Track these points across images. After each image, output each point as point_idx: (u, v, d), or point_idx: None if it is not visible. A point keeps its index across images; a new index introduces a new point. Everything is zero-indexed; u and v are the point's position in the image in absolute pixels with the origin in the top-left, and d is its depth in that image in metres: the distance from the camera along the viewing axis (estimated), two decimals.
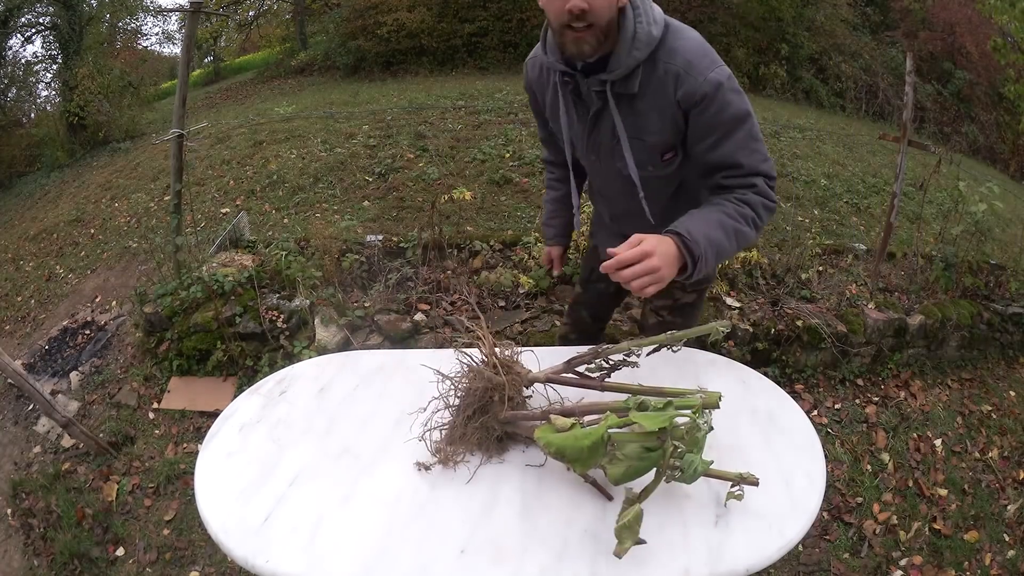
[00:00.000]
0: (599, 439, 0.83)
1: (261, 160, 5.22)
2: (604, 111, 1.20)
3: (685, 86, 1.10)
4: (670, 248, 1.03)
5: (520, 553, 0.82)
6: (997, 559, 2.03)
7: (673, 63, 1.11)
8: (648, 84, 1.14)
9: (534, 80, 1.35)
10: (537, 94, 1.37)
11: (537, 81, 1.34)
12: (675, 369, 1.17)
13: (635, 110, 1.17)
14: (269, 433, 1.06)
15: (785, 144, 6.04)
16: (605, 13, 1.06)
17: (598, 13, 1.04)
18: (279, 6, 14.90)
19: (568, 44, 1.09)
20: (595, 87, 1.16)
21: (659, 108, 1.15)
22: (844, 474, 2.30)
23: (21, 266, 4.80)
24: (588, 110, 1.22)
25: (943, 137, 9.25)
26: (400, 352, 1.36)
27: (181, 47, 2.87)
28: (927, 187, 3.36)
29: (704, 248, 1.05)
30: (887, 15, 11.30)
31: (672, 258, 1.03)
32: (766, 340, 2.61)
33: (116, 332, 3.14)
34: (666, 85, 1.12)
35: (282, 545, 0.85)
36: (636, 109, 1.17)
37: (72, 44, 9.29)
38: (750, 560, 0.81)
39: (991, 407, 2.66)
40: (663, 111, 1.15)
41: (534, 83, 1.35)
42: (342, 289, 2.81)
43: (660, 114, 1.16)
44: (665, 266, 1.00)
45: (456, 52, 10.23)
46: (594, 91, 1.17)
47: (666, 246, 1.02)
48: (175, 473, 2.34)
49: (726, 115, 1.12)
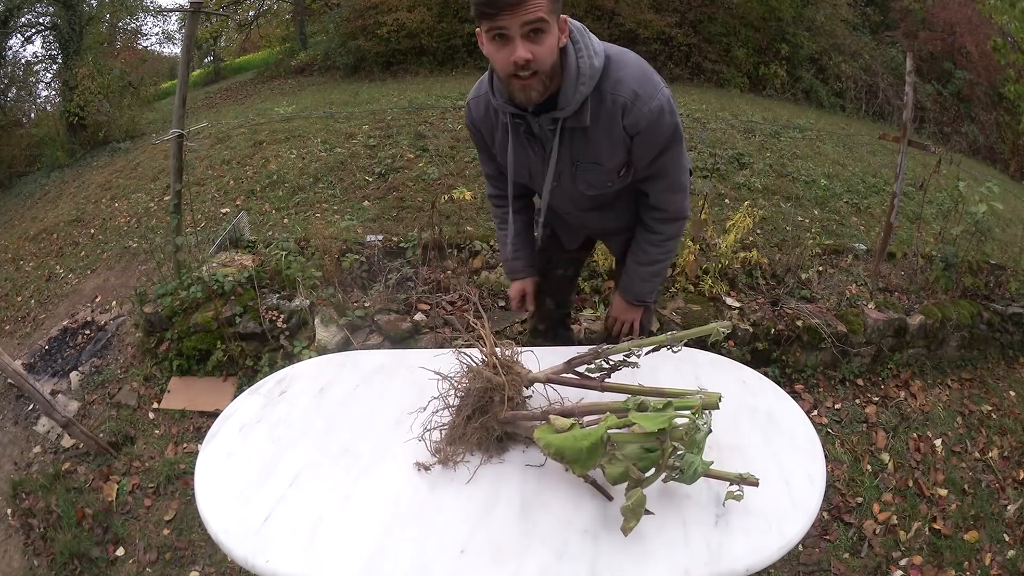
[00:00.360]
0: (598, 440, 0.83)
1: (261, 160, 5.22)
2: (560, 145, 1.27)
3: (631, 115, 1.20)
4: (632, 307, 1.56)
5: (520, 553, 0.82)
6: (997, 559, 2.03)
7: (620, 94, 1.19)
8: (598, 116, 1.21)
9: (479, 119, 1.37)
10: (483, 132, 1.39)
11: (483, 120, 1.36)
12: (675, 369, 1.17)
13: (588, 140, 1.25)
14: (269, 433, 1.06)
15: (785, 144, 6.04)
16: (548, 59, 1.11)
17: (541, 61, 1.09)
18: (279, 6, 14.90)
19: (516, 92, 1.14)
20: (548, 125, 1.22)
21: (610, 136, 1.24)
22: (844, 474, 2.30)
23: (21, 266, 4.80)
24: (543, 145, 1.28)
25: (943, 137, 9.25)
26: (400, 352, 1.36)
27: (181, 47, 2.87)
28: (927, 187, 3.36)
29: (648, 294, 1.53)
30: (887, 15, 11.30)
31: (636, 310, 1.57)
32: (766, 340, 2.61)
33: (116, 332, 3.14)
34: (614, 115, 1.21)
35: (282, 545, 0.85)
36: (589, 139, 1.25)
37: (72, 44, 9.29)
38: (750, 560, 0.81)
39: (991, 407, 2.66)
40: (613, 139, 1.24)
41: (479, 122, 1.37)
42: (342, 289, 2.81)
43: (611, 141, 1.25)
44: (635, 317, 1.59)
45: (456, 52, 10.23)
46: (547, 128, 1.23)
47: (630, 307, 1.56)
48: (175, 473, 2.34)
49: (662, 137, 1.25)
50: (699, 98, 8.46)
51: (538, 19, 1.05)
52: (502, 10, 1.03)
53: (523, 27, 1.05)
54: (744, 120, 6.84)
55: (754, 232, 3.38)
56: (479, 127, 1.38)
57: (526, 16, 1.04)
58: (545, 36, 1.08)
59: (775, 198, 4.65)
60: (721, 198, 4.49)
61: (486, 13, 1.05)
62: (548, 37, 1.09)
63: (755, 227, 3.08)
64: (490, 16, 1.05)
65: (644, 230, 1.44)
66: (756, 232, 3.57)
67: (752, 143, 5.88)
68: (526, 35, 1.06)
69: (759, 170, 5.10)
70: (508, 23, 1.05)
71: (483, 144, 1.44)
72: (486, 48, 1.13)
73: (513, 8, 1.03)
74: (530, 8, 1.03)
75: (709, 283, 2.80)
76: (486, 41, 1.11)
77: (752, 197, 4.46)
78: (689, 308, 2.68)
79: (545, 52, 1.09)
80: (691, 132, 5.90)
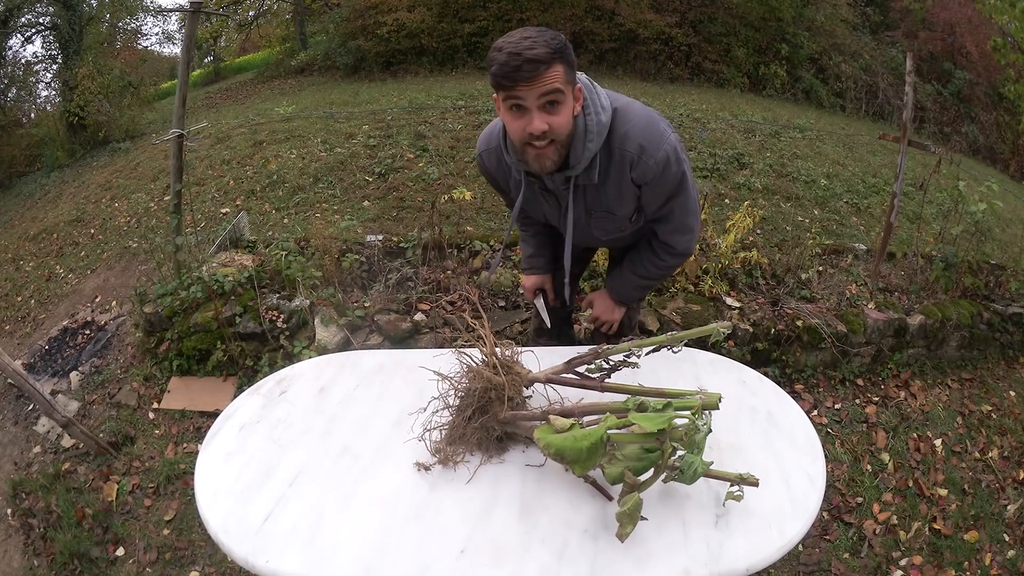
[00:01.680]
0: (598, 440, 0.83)
1: (261, 160, 5.22)
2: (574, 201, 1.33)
3: (639, 168, 1.24)
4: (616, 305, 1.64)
5: (520, 553, 0.82)
6: (997, 559, 2.03)
7: (628, 149, 1.23)
8: (607, 171, 1.26)
9: (493, 169, 1.42)
10: (499, 180, 1.44)
11: (497, 170, 1.41)
12: (675, 369, 1.17)
13: (599, 193, 1.31)
14: (269, 433, 1.06)
15: (785, 144, 6.04)
16: (564, 129, 1.14)
17: (558, 130, 1.13)
18: (279, 6, 14.90)
19: (531, 161, 1.17)
20: (560, 184, 1.28)
21: (619, 188, 1.30)
22: (844, 474, 2.30)
23: (21, 266, 4.80)
24: (558, 198, 1.34)
25: (943, 137, 9.25)
26: (400, 352, 1.36)
27: (181, 47, 2.87)
28: (927, 187, 3.36)
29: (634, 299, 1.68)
30: (887, 15, 11.30)
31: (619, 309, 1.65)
32: (766, 340, 2.61)
33: (116, 332, 3.14)
34: (623, 169, 1.26)
35: (282, 545, 0.85)
36: (600, 193, 1.31)
37: (72, 44, 9.29)
38: (750, 560, 0.81)
39: (991, 407, 2.66)
40: (623, 191, 1.30)
41: (494, 171, 1.42)
42: (342, 289, 2.81)
43: (620, 193, 1.31)
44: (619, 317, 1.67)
45: (456, 52, 10.23)
46: (560, 187, 1.29)
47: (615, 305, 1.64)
48: (175, 473, 2.34)
49: (668, 186, 1.30)
50: (699, 98, 8.46)
51: (554, 90, 1.08)
52: (519, 83, 1.06)
53: (540, 99, 1.08)
54: (744, 120, 6.84)
55: (754, 232, 3.38)
56: (494, 175, 1.44)
57: (543, 88, 1.06)
58: (561, 107, 1.11)
59: (775, 198, 4.65)
60: (721, 198, 4.49)
61: (503, 84, 1.07)
62: (564, 108, 1.12)
63: (755, 227, 3.08)
64: (507, 88, 1.07)
65: (649, 251, 1.51)
66: (756, 232, 3.57)
67: (752, 143, 5.88)
68: (542, 106, 1.09)
69: (759, 170, 5.10)
70: (525, 94, 1.07)
71: (501, 189, 1.50)
72: (502, 115, 1.16)
73: (530, 81, 1.05)
74: (547, 80, 1.06)
75: (709, 283, 2.80)
76: (502, 108, 1.14)
77: (752, 197, 4.46)
78: (689, 308, 2.68)
79: (561, 122, 1.12)
80: (691, 132, 5.91)
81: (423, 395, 1.06)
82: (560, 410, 0.95)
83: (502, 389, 0.96)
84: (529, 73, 1.04)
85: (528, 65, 1.04)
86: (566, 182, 1.27)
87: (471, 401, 0.97)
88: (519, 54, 1.04)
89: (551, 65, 1.06)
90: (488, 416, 0.96)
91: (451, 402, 1.00)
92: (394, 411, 1.09)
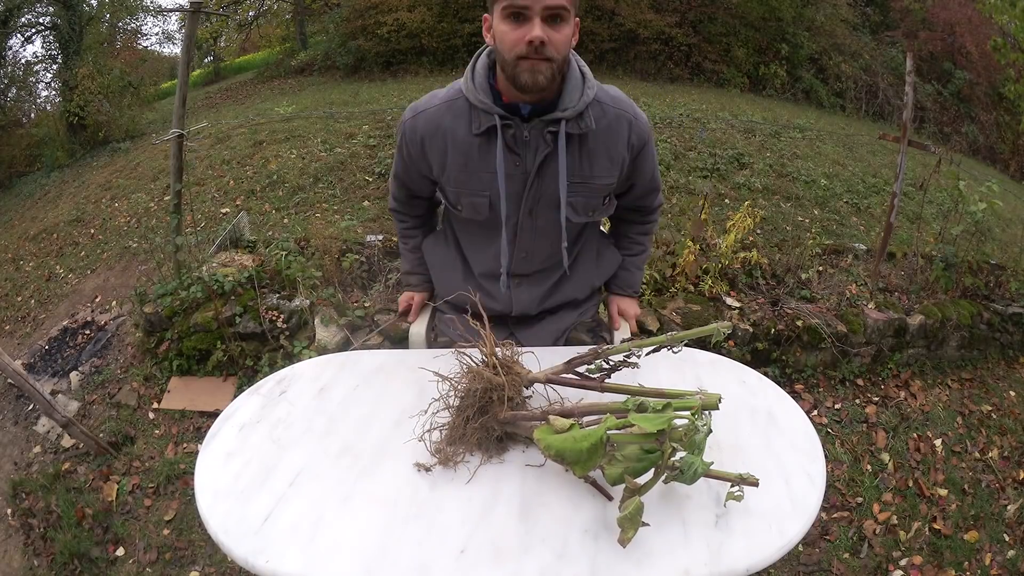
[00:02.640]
0: (598, 441, 0.83)
1: (261, 160, 5.22)
2: (551, 157, 1.16)
3: (636, 130, 1.20)
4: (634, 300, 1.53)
5: (520, 553, 0.82)
6: (997, 559, 2.03)
7: (623, 109, 1.19)
8: (600, 124, 1.17)
9: (427, 136, 1.20)
10: (426, 148, 1.22)
11: (431, 137, 1.20)
12: (675, 369, 1.17)
13: (586, 151, 1.18)
14: (269, 433, 1.06)
15: (785, 144, 6.04)
16: (562, 49, 1.07)
17: (556, 47, 1.06)
18: (279, 6, 14.90)
19: (523, 73, 1.06)
20: (548, 128, 1.13)
21: (609, 149, 1.19)
22: (844, 474, 2.30)
23: (21, 266, 4.80)
24: (525, 161, 1.17)
25: (943, 137, 9.25)
26: (400, 352, 1.36)
27: (181, 47, 2.87)
28: (927, 187, 3.36)
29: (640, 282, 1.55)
30: (887, 15, 11.31)
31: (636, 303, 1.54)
32: (766, 340, 2.61)
33: (116, 332, 3.14)
34: (620, 127, 1.18)
35: (282, 545, 0.85)
36: (587, 150, 1.18)
37: (72, 44, 9.29)
38: (750, 560, 0.81)
39: (991, 407, 2.66)
40: (614, 154, 1.20)
41: (427, 139, 1.20)
42: (342, 289, 2.81)
43: (609, 156, 1.20)
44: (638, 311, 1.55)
45: (456, 52, 10.23)
46: (548, 132, 1.14)
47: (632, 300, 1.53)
48: (175, 473, 2.34)
49: (653, 153, 1.30)
50: (699, 98, 8.46)
51: (560, 6, 1.03)
52: None
53: (544, 10, 1.03)
54: (744, 120, 6.84)
55: (754, 232, 3.38)
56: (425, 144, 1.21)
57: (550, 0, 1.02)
58: (563, 25, 1.06)
59: (775, 198, 4.65)
60: (721, 198, 4.49)
61: None
62: (566, 27, 1.06)
63: (755, 227, 3.08)
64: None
65: (634, 224, 1.45)
66: (756, 232, 3.57)
67: (752, 143, 5.89)
68: (545, 19, 1.04)
69: (759, 170, 5.10)
70: (530, 2, 1.02)
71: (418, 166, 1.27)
72: (495, 28, 1.08)
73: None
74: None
75: (709, 283, 2.80)
76: (498, 20, 1.07)
77: (752, 197, 4.46)
78: (689, 308, 2.68)
79: (561, 40, 1.06)
80: (691, 132, 5.91)
81: (423, 395, 1.06)
82: (560, 410, 0.95)
83: (502, 389, 0.96)
84: None
85: None
86: (554, 126, 1.13)
87: (471, 401, 0.97)
88: None
89: None
90: (488, 416, 0.96)
91: (451, 402, 1.00)
92: (394, 411, 1.09)
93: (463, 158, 1.19)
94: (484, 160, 1.17)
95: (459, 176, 1.21)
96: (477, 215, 1.24)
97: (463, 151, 1.18)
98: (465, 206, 1.24)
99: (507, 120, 1.14)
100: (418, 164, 1.27)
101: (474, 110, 1.16)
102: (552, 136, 1.14)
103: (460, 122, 1.18)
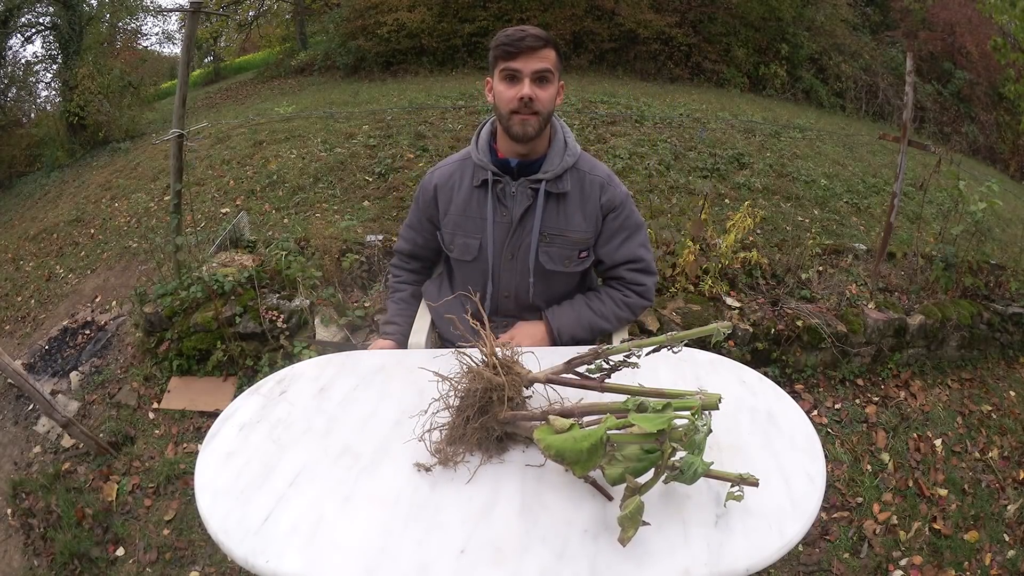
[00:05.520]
0: (598, 441, 0.83)
1: (261, 160, 5.22)
2: (531, 210, 1.37)
3: (608, 193, 1.39)
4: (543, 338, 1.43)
5: (520, 553, 0.82)
6: (997, 559, 2.03)
7: (597, 175, 1.40)
8: (576, 187, 1.38)
9: (440, 184, 1.44)
10: (438, 196, 1.45)
11: (443, 186, 1.44)
12: (675, 369, 1.17)
13: (563, 209, 1.38)
14: (269, 433, 1.06)
15: (785, 144, 6.04)
16: (548, 105, 1.30)
17: (542, 103, 1.28)
18: (279, 6, 14.91)
19: (515, 126, 1.29)
20: (530, 185, 1.35)
21: (584, 209, 1.39)
22: (844, 474, 2.30)
23: (21, 266, 4.81)
24: (511, 212, 1.38)
25: (943, 137, 9.25)
26: (400, 352, 1.36)
27: (181, 47, 2.87)
28: (927, 187, 3.36)
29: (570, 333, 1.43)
30: (887, 15, 11.31)
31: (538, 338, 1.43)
32: (766, 340, 2.61)
33: (116, 332, 3.14)
34: (593, 190, 1.39)
35: (282, 545, 0.85)
36: (564, 207, 1.38)
37: (72, 44, 9.29)
38: (750, 560, 0.81)
39: (991, 407, 2.66)
40: (588, 212, 1.39)
41: (440, 187, 1.44)
42: (342, 289, 2.81)
43: (584, 214, 1.39)
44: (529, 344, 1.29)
45: (456, 52, 10.23)
46: (529, 188, 1.35)
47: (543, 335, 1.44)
48: (175, 473, 2.34)
49: (632, 220, 1.43)
50: (699, 98, 8.46)
51: (546, 69, 1.27)
52: (521, 52, 1.25)
53: (533, 73, 1.26)
54: (744, 120, 6.84)
55: (754, 232, 3.38)
56: (438, 195, 1.44)
57: (538, 64, 1.26)
58: (549, 86, 1.29)
59: (775, 198, 4.65)
60: (721, 198, 4.49)
61: (508, 52, 1.25)
62: (551, 87, 1.30)
63: (755, 227, 3.08)
64: (510, 56, 1.25)
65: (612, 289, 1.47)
66: (756, 232, 3.57)
67: (752, 143, 5.89)
68: (534, 80, 1.26)
69: (759, 170, 5.10)
70: (522, 66, 1.25)
71: (430, 215, 1.47)
72: (495, 88, 1.31)
73: (530, 52, 1.25)
74: (542, 57, 1.26)
75: (709, 283, 2.80)
76: (497, 81, 1.30)
77: (752, 197, 4.46)
78: (689, 308, 2.68)
79: (546, 98, 1.28)
80: (691, 132, 5.91)
81: (423, 395, 1.06)
82: (560, 410, 0.95)
83: (502, 389, 0.96)
84: (531, 44, 1.24)
85: (531, 39, 1.25)
86: (535, 185, 1.34)
87: (471, 401, 0.97)
88: (524, 30, 1.26)
89: (548, 46, 1.27)
90: (488, 416, 0.96)
91: (451, 402, 1.00)
92: (394, 411, 1.09)
93: (464, 204, 1.42)
94: (479, 208, 1.40)
95: (457, 219, 1.42)
96: (466, 255, 1.44)
97: (464, 198, 1.41)
98: (457, 246, 1.44)
99: (498, 176, 1.37)
100: (429, 209, 1.48)
101: (476, 167, 1.40)
102: (533, 192, 1.36)
103: (466, 176, 1.42)
